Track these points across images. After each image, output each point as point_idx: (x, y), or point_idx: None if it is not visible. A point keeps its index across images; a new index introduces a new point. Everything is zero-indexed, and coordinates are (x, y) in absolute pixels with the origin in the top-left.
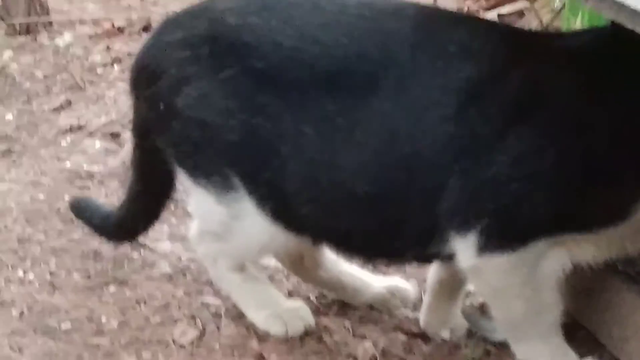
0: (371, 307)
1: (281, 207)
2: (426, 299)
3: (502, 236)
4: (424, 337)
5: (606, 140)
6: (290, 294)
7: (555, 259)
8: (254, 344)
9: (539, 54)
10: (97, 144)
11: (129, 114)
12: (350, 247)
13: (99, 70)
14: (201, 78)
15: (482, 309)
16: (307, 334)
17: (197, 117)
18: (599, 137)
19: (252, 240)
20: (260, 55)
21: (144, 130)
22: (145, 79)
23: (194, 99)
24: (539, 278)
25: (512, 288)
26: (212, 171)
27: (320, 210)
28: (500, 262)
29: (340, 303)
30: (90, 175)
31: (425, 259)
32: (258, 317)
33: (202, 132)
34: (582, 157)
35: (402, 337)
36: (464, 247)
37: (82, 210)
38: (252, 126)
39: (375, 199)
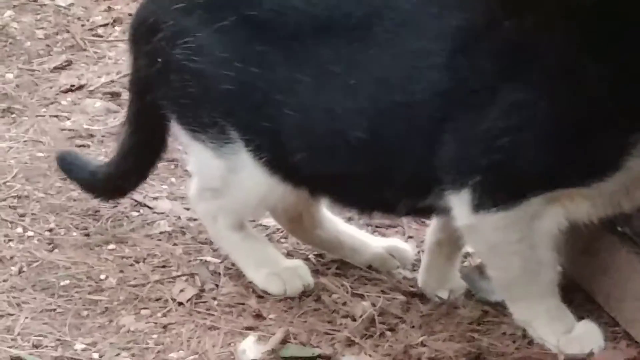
0: (370, 267)
1: (278, 158)
2: (424, 259)
3: (496, 193)
4: (422, 297)
5: (598, 91)
6: (289, 254)
7: (550, 217)
8: (252, 302)
9: (531, 4)
10: (98, 103)
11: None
12: (344, 197)
13: (100, 31)
14: (198, 29)
15: (481, 270)
16: (305, 293)
17: (195, 69)
18: (591, 88)
19: (250, 194)
20: (255, 4)
21: (142, 88)
22: (144, 33)
23: (192, 50)
24: (535, 236)
25: (508, 246)
26: (210, 124)
27: (315, 158)
28: (495, 220)
29: (339, 263)
30: (90, 135)
31: (418, 212)
32: (257, 276)
33: (200, 84)
34: (573, 109)
35: (400, 297)
36: (458, 204)
37: (68, 165)
38: (248, 75)
39: (369, 146)
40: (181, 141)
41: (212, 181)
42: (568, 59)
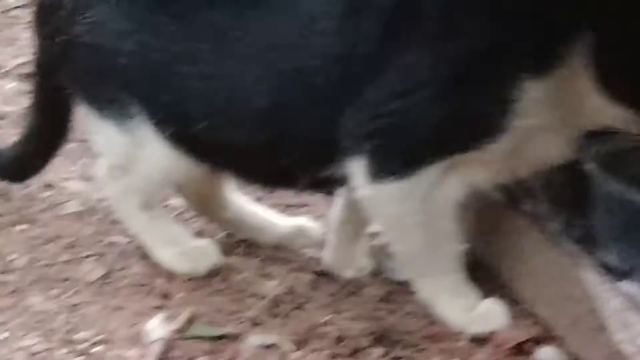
0: (278, 246)
1: (180, 131)
2: (330, 238)
3: (390, 160)
4: (329, 276)
5: (482, 50)
6: (198, 234)
7: (450, 186)
8: (160, 282)
9: None
10: (11, 84)
11: None
12: (245, 169)
13: (14, 12)
14: (97, 3)
15: (386, 249)
16: (213, 273)
17: (95, 44)
18: (476, 46)
19: (155, 169)
20: None
21: (46, 68)
22: (46, 13)
23: (91, 25)
24: (436, 207)
25: (408, 218)
26: (112, 99)
27: (217, 129)
28: (392, 190)
29: (248, 243)
30: (4, 115)
31: (321, 185)
32: (164, 255)
33: (101, 59)
34: (456, 68)
35: (307, 277)
36: (357, 173)
37: None
38: (147, 47)
39: (268, 114)
40: (89, 121)
41: (118, 158)
42: (448, 15)
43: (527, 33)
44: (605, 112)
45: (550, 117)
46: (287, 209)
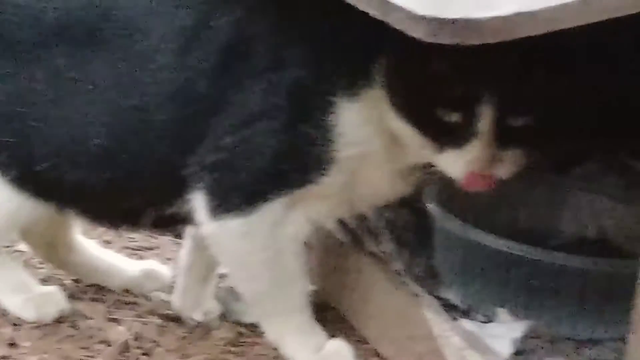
0: (127, 291)
1: (23, 172)
2: (178, 282)
3: (229, 196)
4: (178, 320)
5: (301, 77)
6: (45, 280)
7: (292, 223)
8: (7, 330)
9: None
10: None
11: None
12: (89, 209)
13: None
14: None
15: (234, 292)
16: (61, 319)
17: None
18: (296, 75)
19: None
20: None
21: None
22: None
23: None
24: (280, 244)
25: (251, 256)
26: None
27: (58, 170)
28: (233, 227)
29: (96, 288)
30: None
31: (166, 223)
32: (10, 303)
33: None
34: (282, 100)
35: (156, 321)
36: (199, 210)
37: None
38: None
39: (106, 153)
40: None
41: None
42: (273, 47)
43: (338, 56)
44: (406, 136)
45: (372, 145)
46: (136, 252)
